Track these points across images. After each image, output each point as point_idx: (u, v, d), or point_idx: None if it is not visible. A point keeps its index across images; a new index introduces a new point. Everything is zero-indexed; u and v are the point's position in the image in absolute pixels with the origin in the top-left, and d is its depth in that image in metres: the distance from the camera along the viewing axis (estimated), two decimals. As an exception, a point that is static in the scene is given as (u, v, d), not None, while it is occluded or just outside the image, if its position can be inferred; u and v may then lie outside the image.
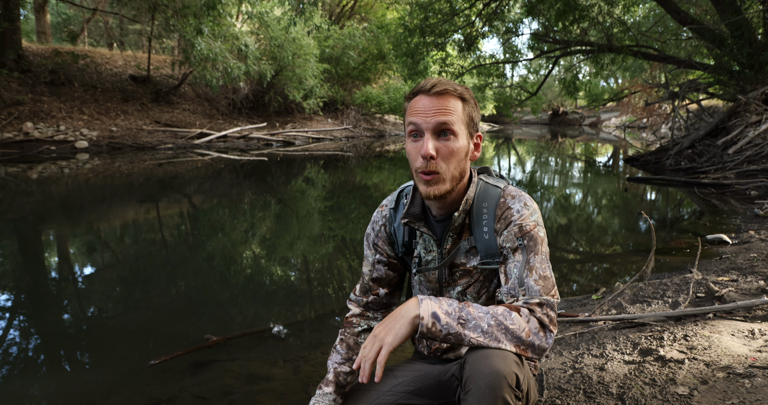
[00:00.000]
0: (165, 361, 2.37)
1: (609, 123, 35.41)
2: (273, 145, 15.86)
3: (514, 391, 1.06)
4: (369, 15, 25.73)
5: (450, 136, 1.21)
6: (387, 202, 1.47)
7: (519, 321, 1.11)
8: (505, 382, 1.04)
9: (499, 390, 1.04)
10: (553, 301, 1.17)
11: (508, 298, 1.19)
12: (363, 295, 1.48)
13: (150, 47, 16.44)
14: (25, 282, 3.61)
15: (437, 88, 1.20)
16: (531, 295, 1.16)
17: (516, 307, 1.14)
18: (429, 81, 1.22)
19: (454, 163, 1.22)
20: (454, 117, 1.21)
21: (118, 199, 6.77)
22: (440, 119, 1.19)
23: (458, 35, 13.85)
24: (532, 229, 1.22)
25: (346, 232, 5.20)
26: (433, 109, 1.20)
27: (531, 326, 1.12)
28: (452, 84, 1.22)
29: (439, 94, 1.20)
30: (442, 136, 1.21)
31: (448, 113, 1.20)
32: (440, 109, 1.19)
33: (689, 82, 11.55)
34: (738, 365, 1.80)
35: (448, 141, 1.21)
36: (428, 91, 1.21)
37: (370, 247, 1.47)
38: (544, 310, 1.15)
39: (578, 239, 5.14)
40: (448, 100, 1.21)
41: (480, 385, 1.05)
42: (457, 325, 1.09)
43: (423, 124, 1.20)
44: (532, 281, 1.18)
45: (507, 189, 1.30)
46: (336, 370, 1.39)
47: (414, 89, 1.25)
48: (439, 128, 1.20)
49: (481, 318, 1.11)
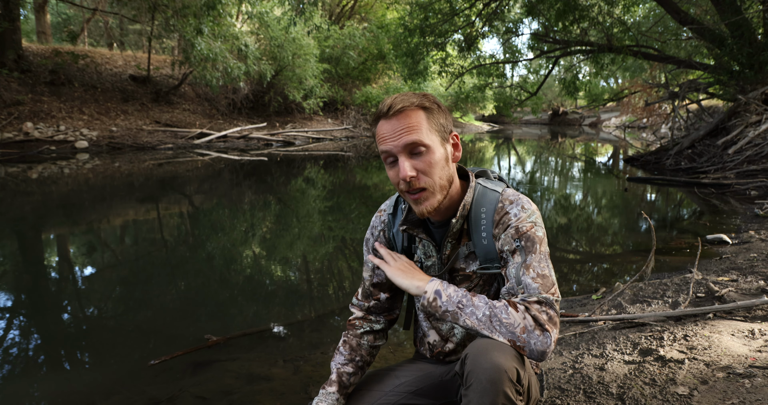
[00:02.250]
0: (165, 361, 2.37)
1: (609, 123, 35.40)
2: (273, 145, 15.85)
3: (515, 385, 1.06)
4: (369, 15, 25.71)
5: (422, 151, 1.19)
6: (385, 206, 1.47)
7: (514, 316, 1.11)
8: (506, 377, 1.04)
9: (500, 384, 1.04)
10: (553, 299, 1.15)
11: (508, 298, 1.19)
12: (365, 300, 1.48)
13: (150, 47, 16.44)
14: (25, 282, 3.61)
15: (393, 108, 1.19)
16: (529, 293, 1.15)
17: (514, 304, 1.14)
18: (385, 103, 1.21)
19: (437, 174, 1.21)
20: (421, 131, 1.19)
21: (118, 199, 6.76)
22: (407, 140, 1.18)
23: (458, 35, 13.84)
24: (528, 229, 1.21)
25: (346, 233, 5.20)
26: (397, 131, 1.19)
27: (527, 323, 1.10)
28: (408, 98, 1.20)
29: (397, 113, 1.19)
30: (415, 153, 1.20)
31: (413, 130, 1.18)
32: (404, 129, 1.18)
33: (689, 82, 11.54)
34: (738, 365, 1.80)
35: (422, 156, 1.20)
36: (386, 115, 1.20)
37: (369, 252, 1.47)
38: (542, 307, 1.13)
39: (578, 239, 5.14)
40: (409, 116, 1.19)
41: (481, 380, 1.05)
42: (456, 307, 1.17)
43: (393, 149, 1.19)
44: (529, 279, 1.17)
45: (505, 193, 1.28)
46: (339, 371, 1.39)
47: (375, 115, 1.24)
48: (409, 148, 1.19)
49: (479, 307, 1.15)
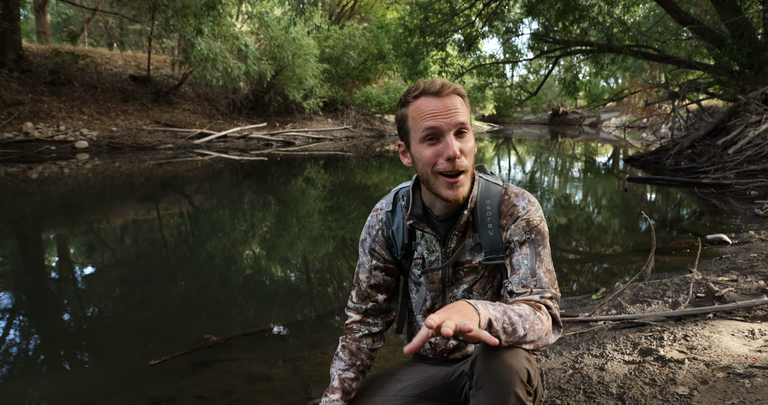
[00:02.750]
0: (165, 361, 2.37)
1: (609, 123, 35.37)
2: (273, 145, 15.85)
3: (525, 386, 1.06)
4: (369, 15, 25.71)
5: (466, 134, 1.22)
6: (382, 205, 1.45)
7: (544, 321, 1.13)
8: (517, 378, 1.04)
9: (511, 385, 1.04)
10: (559, 296, 1.22)
11: (520, 289, 1.21)
12: (361, 303, 1.46)
13: (150, 47, 16.44)
14: (25, 282, 3.61)
15: (446, 89, 1.20)
16: (543, 288, 1.19)
17: (537, 306, 1.16)
18: (432, 83, 1.21)
19: (471, 160, 1.25)
20: (466, 115, 1.22)
21: (118, 199, 6.76)
22: (458, 119, 1.20)
23: (458, 35, 13.84)
24: (539, 223, 1.26)
25: (346, 232, 5.20)
26: (450, 109, 1.19)
27: (550, 325, 1.15)
28: (451, 83, 1.23)
29: (449, 93, 1.21)
30: (460, 135, 1.21)
31: (460, 112, 1.20)
32: (454, 109, 1.20)
33: (689, 82, 11.54)
34: (738, 365, 1.79)
35: (465, 139, 1.22)
36: (437, 93, 1.20)
37: (366, 254, 1.45)
38: (554, 304, 1.19)
39: (578, 239, 5.14)
40: (456, 99, 1.21)
41: (493, 381, 1.05)
42: (503, 333, 1.03)
43: (444, 126, 1.19)
44: (542, 273, 1.21)
45: (508, 187, 1.33)
46: (341, 377, 1.38)
47: (413, 92, 1.22)
48: (458, 128, 1.20)
49: (518, 323, 1.06)
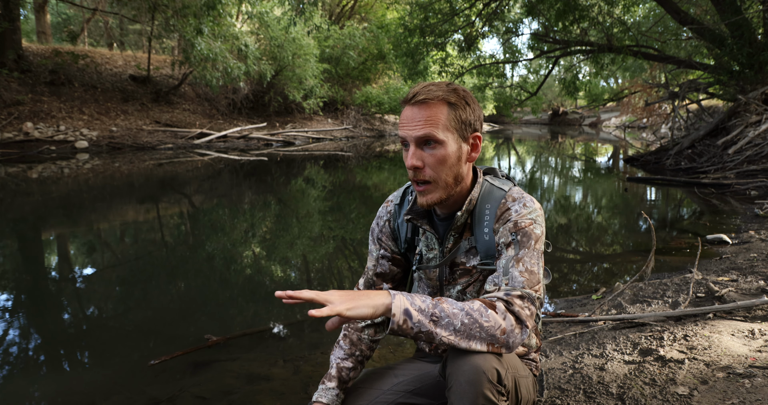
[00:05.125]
0: (165, 361, 2.37)
1: (609, 123, 35.38)
2: (273, 145, 15.85)
3: (495, 386, 1.05)
4: (369, 15, 25.71)
5: (435, 145, 1.19)
6: (393, 197, 1.47)
7: (495, 318, 1.07)
8: (485, 378, 1.03)
9: (479, 386, 1.03)
10: (535, 296, 1.13)
11: (490, 287, 1.17)
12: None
13: (150, 47, 16.44)
14: (25, 282, 3.61)
15: (418, 97, 1.18)
16: (513, 286, 1.13)
17: (492, 304, 1.10)
18: (415, 89, 1.20)
19: (444, 170, 1.21)
20: (438, 126, 1.18)
21: (118, 199, 6.76)
22: (421, 132, 1.18)
23: (458, 35, 13.85)
24: (526, 225, 1.20)
25: (346, 232, 5.20)
26: (415, 121, 1.18)
27: (507, 323, 1.07)
28: (436, 90, 1.18)
29: (419, 102, 1.19)
30: (428, 146, 1.20)
31: (429, 124, 1.18)
32: (422, 120, 1.18)
33: (689, 82, 11.54)
34: (738, 365, 1.80)
35: (434, 150, 1.19)
36: (410, 101, 1.20)
37: (374, 242, 1.47)
38: (524, 303, 1.11)
39: (578, 239, 5.14)
40: (431, 108, 1.18)
41: (461, 382, 1.04)
42: (429, 322, 1.03)
43: (407, 136, 1.20)
44: (516, 272, 1.15)
45: (511, 191, 1.28)
46: (339, 365, 1.40)
47: (403, 98, 1.25)
48: (422, 139, 1.19)
49: (455, 315, 1.05)
